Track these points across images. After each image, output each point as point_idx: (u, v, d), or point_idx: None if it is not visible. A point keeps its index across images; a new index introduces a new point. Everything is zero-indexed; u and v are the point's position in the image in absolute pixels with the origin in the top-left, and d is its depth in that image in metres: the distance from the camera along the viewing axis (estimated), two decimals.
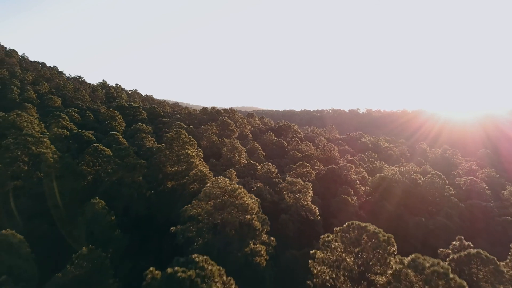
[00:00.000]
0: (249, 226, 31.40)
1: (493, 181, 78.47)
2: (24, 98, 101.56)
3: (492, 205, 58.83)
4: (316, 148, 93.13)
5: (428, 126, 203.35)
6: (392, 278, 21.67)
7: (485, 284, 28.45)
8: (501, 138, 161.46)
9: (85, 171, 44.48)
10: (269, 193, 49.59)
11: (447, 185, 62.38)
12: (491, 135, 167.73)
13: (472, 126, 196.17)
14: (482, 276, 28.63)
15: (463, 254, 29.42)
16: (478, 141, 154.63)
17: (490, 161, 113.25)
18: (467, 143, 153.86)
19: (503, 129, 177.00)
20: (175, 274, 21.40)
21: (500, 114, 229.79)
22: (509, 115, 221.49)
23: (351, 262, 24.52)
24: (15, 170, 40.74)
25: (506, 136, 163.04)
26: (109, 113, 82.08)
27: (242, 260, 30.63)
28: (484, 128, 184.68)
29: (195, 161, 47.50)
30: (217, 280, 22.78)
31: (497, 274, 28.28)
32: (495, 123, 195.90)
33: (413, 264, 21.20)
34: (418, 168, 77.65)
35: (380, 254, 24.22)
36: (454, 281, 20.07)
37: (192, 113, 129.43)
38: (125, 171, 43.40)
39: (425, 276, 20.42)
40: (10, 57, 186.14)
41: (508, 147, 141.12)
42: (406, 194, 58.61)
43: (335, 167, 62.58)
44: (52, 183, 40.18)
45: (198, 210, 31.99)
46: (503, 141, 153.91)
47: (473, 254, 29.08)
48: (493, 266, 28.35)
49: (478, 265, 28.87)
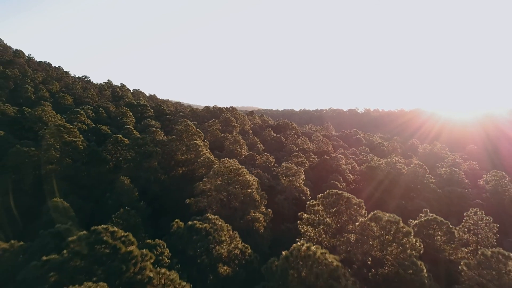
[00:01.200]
0: (250, 198, 38.26)
1: (474, 172, 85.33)
2: (38, 96, 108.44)
3: (467, 191, 65.64)
4: (311, 143, 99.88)
5: (428, 126, 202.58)
6: (359, 228, 28.53)
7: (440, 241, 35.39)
8: (501, 137, 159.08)
9: (108, 158, 51.35)
10: (267, 178, 56.45)
11: (428, 174, 69.21)
12: (491, 134, 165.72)
13: (472, 126, 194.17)
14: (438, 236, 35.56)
15: (424, 219, 36.33)
16: (478, 141, 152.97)
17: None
18: (467, 142, 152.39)
19: (503, 129, 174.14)
20: (194, 225, 28.34)
21: (500, 113, 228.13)
22: (509, 114, 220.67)
23: (330, 220, 31.35)
24: (49, 156, 47.62)
25: (506, 136, 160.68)
26: (120, 110, 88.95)
27: (244, 226, 37.49)
28: (484, 127, 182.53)
29: (203, 150, 54.35)
30: (225, 233, 29.68)
31: (449, 234, 35.24)
32: (495, 122, 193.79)
33: (374, 217, 28.06)
34: (404, 160, 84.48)
35: (352, 213, 31.09)
36: (403, 227, 26.96)
37: (195, 111, 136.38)
38: (142, 158, 50.27)
39: (382, 224, 27.29)
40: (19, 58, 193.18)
41: (508, 147, 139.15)
42: (390, 181, 65.44)
43: (327, 158, 69.47)
44: (82, 166, 47.10)
45: (208, 185, 38.90)
46: (503, 141, 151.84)
47: (431, 219, 36.01)
48: (446, 228, 35.29)
49: (435, 228, 35.79)
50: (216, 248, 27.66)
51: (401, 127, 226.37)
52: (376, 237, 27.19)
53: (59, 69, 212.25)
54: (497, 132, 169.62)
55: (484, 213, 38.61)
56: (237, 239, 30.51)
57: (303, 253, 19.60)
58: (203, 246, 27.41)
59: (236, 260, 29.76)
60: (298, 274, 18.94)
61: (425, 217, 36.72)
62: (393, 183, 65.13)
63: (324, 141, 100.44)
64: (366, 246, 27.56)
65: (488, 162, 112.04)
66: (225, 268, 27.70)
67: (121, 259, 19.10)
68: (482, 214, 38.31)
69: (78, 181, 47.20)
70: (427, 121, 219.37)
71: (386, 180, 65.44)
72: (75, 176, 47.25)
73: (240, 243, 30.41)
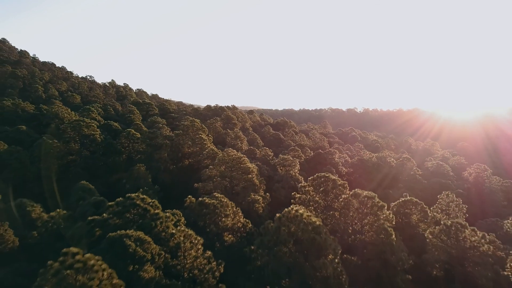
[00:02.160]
0: (251, 183, 43.67)
1: (462, 166, 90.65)
2: (48, 95, 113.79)
3: (451, 183, 71.00)
4: (308, 139, 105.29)
5: (428, 126, 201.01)
6: (342, 203, 33.96)
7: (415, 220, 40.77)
8: (501, 137, 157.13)
9: (122, 150, 56.73)
10: (266, 169, 61.81)
11: (415, 167, 74.62)
12: (491, 134, 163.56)
13: (471, 125, 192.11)
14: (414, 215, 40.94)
15: (401, 200, 41.75)
16: (478, 140, 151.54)
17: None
18: (467, 142, 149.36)
19: (503, 129, 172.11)
20: (204, 201, 33.77)
21: (500, 113, 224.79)
22: (509, 114, 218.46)
23: (318, 198, 36.76)
24: (70, 148, 53.05)
25: (506, 136, 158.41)
26: (128, 108, 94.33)
27: (245, 207, 42.83)
28: (483, 127, 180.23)
29: (207, 143, 59.74)
30: (229, 208, 35.05)
31: (423, 213, 40.65)
32: (495, 122, 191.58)
33: (354, 194, 33.49)
34: (395, 154, 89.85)
35: (337, 193, 36.46)
36: (378, 202, 32.38)
37: (198, 109, 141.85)
38: (153, 150, 55.66)
39: (361, 199, 32.70)
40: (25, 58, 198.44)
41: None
42: (379, 173, 70.88)
43: (321, 152, 74.91)
44: (100, 157, 52.49)
45: (214, 172, 44.32)
46: (503, 141, 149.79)
47: (408, 200, 41.48)
48: (420, 208, 40.72)
49: (411, 208, 41.18)
50: (222, 220, 33.03)
51: (401, 127, 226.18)
52: (356, 210, 32.62)
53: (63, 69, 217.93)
54: (497, 132, 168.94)
55: (455, 196, 44.05)
56: (239, 214, 35.90)
57: (292, 215, 25.01)
58: (211, 218, 32.80)
59: (239, 233, 35.19)
60: (288, 230, 24.33)
61: (403, 199, 42.17)
62: (382, 175, 70.52)
63: (321, 137, 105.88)
64: (347, 218, 32.99)
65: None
66: (230, 237, 33.09)
67: (150, 218, 24.52)
68: (453, 197, 43.77)
69: (96, 170, 52.61)
70: (427, 121, 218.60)
71: (376, 172, 70.88)
72: (93, 165, 52.67)
73: (242, 218, 35.81)
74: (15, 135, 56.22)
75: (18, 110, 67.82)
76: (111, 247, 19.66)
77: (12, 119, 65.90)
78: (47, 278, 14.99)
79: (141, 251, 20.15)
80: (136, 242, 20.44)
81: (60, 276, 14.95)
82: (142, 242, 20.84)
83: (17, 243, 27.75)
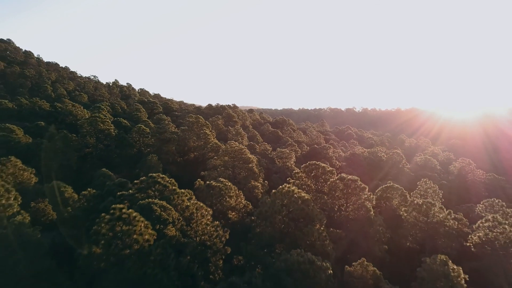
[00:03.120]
0: (251, 172, 49.04)
1: (449, 161, 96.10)
2: (57, 94, 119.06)
3: (437, 175, 76.44)
4: (305, 136, 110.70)
5: (428, 126, 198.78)
6: (329, 185, 39.34)
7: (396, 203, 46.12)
8: (500, 137, 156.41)
9: (133, 144, 62.07)
10: (264, 162, 67.18)
11: (405, 161, 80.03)
12: (491, 133, 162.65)
13: (471, 125, 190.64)
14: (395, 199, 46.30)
15: (384, 186, 47.14)
16: (478, 140, 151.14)
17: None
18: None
19: (503, 128, 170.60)
20: (211, 184, 39.15)
21: (500, 113, 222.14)
22: (509, 114, 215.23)
23: (310, 183, 42.13)
24: (87, 141, 58.39)
25: (505, 135, 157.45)
26: (134, 106, 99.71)
27: (246, 193, 48.18)
28: (483, 126, 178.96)
29: (211, 137, 65.11)
30: (233, 191, 40.40)
31: (403, 197, 46.02)
32: (495, 122, 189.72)
33: (340, 177, 38.85)
34: (386, 150, 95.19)
35: (326, 178, 41.81)
36: (360, 184, 37.73)
37: (199, 108, 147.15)
38: (162, 143, 61.02)
39: (345, 182, 38.07)
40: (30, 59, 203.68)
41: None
42: (370, 166, 76.32)
43: (317, 147, 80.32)
44: (114, 149, 57.85)
45: (218, 161, 49.72)
46: (502, 140, 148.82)
47: (389, 185, 46.86)
48: (400, 192, 46.11)
49: (392, 192, 46.54)
50: (227, 200, 38.39)
51: (401, 127, 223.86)
52: (341, 191, 38.02)
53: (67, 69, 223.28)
54: (497, 131, 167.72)
55: (432, 183, 49.48)
56: (241, 196, 41.28)
57: (285, 190, 30.41)
58: (217, 198, 38.16)
59: (240, 212, 40.57)
60: (281, 202, 29.72)
61: (385, 185, 47.59)
62: (373, 168, 75.97)
63: (317, 134, 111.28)
64: (334, 198, 38.39)
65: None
66: (234, 214, 38.47)
67: (169, 193, 29.91)
68: (430, 184, 49.18)
69: (110, 161, 57.95)
70: (427, 121, 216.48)
71: (367, 166, 76.30)
72: (108, 157, 58.05)
73: (244, 200, 41.20)
74: (35, 130, 61.54)
75: (36, 108, 73.14)
76: (141, 211, 24.99)
77: (30, 116, 71.21)
78: (101, 225, 20.37)
79: (165, 215, 25.54)
80: (161, 208, 25.82)
81: (111, 224, 20.33)
82: (165, 209, 26.23)
83: (55, 217, 33.14)
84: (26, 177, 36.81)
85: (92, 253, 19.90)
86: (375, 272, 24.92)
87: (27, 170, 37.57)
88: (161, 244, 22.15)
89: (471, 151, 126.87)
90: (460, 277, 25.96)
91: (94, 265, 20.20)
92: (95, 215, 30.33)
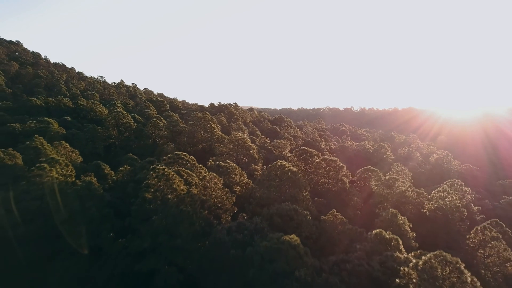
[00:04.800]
0: (252, 157, 58.57)
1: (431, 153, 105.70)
2: (71, 93, 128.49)
3: (416, 165, 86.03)
4: (301, 132, 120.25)
5: (427, 126, 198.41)
6: (315, 165, 48.87)
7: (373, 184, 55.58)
8: (500, 136, 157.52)
9: (150, 135, 71.58)
10: (263, 152, 76.72)
11: (389, 152, 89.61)
12: (490, 133, 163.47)
13: (470, 125, 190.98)
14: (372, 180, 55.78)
15: (363, 168, 56.66)
16: (477, 140, 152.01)
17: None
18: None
19: (502, 128, 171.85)
20: (220, 163, 48.67)
21: (499, 112, 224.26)
22: (508, 113, 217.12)
23: (299, 164, 51.63)
24: (110, 133, 67.84)
25: (505, 135, 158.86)
26: (145, 104, 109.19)
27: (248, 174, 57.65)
28: (482, 126, 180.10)
29: (216, 130, 74.60)
30: (237, 170, 49.90)
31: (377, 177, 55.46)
32: (494, 121, 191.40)
33: (323, 159, 48.37)
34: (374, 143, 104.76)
35: (312, 160, 51.30)
36: (339, 164, 47.27)
37: (203, 107, 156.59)
38: (175, 135, 70.49)
39: (327, 162, 47.61)
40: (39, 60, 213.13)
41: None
42: (357, 157, 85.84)
43: (310, 140, 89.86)
44: (134, 140, 67.38)
45: (224, 149, 59.26)
46: (502, 140, 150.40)
47: (367, 168, 56.37)
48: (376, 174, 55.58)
49: (369, 174, 56.02)
50: (232, 176, 47.88)
51: (401, 127, 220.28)
52: (323, 169, 47.57)
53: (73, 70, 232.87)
54: (496, 131, 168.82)
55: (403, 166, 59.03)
56: (244, 175, 50.73)
57: (278, 165, 39.93)
58: (225, 175, 47.63)
59: (243, 189, 50.06)
60: (275, 173, 39.24)
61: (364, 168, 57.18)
62: (360, 158, 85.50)
63: (312, 130, 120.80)
64: (319, 175, 47.94)
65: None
66: (238, 188, 47.89)
67: (190, 166, 39.40)
68: (401, 167, 58.73)
69: (130, 150, 67.35)
70: (426, 121, 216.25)
71: (354, 156, 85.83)
72: (128, 146, 67.52)
73: (246, 178, 50.68)
74: (64, 124, 70.97)
75: (61, 105, 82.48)
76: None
77: (56, 112, 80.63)
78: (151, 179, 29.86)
79: (190, 178, 35.05)
80: (186, 174, 35.32)
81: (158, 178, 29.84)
82: (189, 175, 35.74)
83: (101, 189, 42.64)
84: (74, 157, 46.28)
85: (145, 197, 29.40)
86: (342, 219, 34.42)
87: (75, 152, 47.04)
88: (190, 194, 31.65)
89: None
90: (405, 224, 35.52)
91: (146, 206, 29.70)
92: (132, 184, 40.06)
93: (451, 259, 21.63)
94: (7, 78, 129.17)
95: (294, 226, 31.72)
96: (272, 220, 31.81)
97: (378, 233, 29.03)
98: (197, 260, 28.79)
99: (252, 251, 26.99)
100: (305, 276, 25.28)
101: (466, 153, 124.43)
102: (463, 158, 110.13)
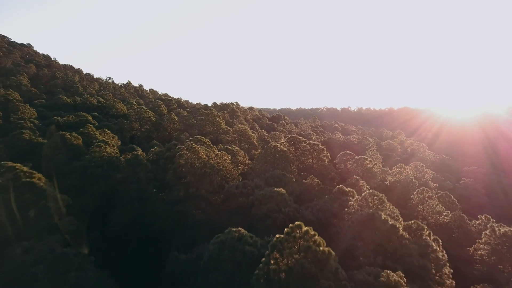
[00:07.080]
0: (252, 145, 71.76)
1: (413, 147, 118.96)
2: (88, 93, 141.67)
3: (395, 154, 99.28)
4: (297, 128, 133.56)
5: (427, 126, 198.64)
6: (301, 149, 62.05)
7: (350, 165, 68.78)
8: (499, 136, 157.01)
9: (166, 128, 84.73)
10: (261, 144, 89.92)
11: (372, 144, 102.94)
12: (489, 133, 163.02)
13: (469, 125, 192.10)
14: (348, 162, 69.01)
15: (341, 153, 69.84)
16: (476, 139, 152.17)
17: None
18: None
19: (502, 128, 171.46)
20: (227, 147, 61.88)
21: (498, 112, 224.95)
22: (508, 113, 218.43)
23: (290, 148, 64.75)
24: (132, 126, 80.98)
25: (504, 135, 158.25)
26: (156, 102, 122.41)
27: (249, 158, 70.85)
28: (482, 126, 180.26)
29: (222, 124, 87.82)
30: (241, 153, 63.10)
31: (360, 162, 68.72)
32: (493, 121, 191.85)
33: (308, 143, 61.52)
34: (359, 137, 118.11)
35: (302, 146, 64.41)
36: (321, 148, 60.46)
37: (207, 105, 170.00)
38: (186, 128, 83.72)
39: (311, 145, 60.88)
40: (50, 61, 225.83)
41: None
42: (343, 148, 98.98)
43: (303, 133, 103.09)
44: (153, 131, 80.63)
45: (229, 137, 72.50)
46: (501, 140, 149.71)
47: (345, 152, 69.60)
48: (359, 159, 68.80)
49: (347, 157, 69.23)
50: (237, 157, 61.02)
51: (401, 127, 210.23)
52: (308, 151, 60.75)
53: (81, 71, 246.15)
54: (495, 131, 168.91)
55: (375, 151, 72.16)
56: (246, 157, 63.89)
57: (272, 145, 53.11)
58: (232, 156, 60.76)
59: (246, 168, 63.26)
60: (270, 152, 52.41)
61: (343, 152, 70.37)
62: (345, 149, 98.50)
63: (306, 126, 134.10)
64: (305, 156, 61.12)
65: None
66: (242, 167, 61.11)
67: (207, 146, 52.56)
68: (374, 151, 71.91)
69: (150, 140, 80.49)
70: (426, 121, 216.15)
71: (339, 147, 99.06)
72: (148, 137, 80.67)
73: (248, 159, 63.87)
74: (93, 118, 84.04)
75: (87, 103, 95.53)
76: None
77: (83, 109, 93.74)
78: (183, 151, 43.04)
79: (208, 153, 48.20)
80: (206, 150, 48.45)
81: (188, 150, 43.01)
82: (207, 151, 48.88)
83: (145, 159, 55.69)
84: (115, 141, 59.40)
85: (179, 162, 42.52)
86: (318, 182, 47.53)
87: (115, 137, 60.24)
88: (209, 163, 44.77)
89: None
90: (365, 187, 48.64)
91: (179, 170, 42.80)
92: (163, 160, 53.26)
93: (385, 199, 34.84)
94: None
95: (282, 185, 44.85)
96: (267, 180, 44.98)
97: (340, 187, 42.21)
98: (215, 206, 41.93)
99: (253, 198, 40.15)
100: (288, 212, 38.48)
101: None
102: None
